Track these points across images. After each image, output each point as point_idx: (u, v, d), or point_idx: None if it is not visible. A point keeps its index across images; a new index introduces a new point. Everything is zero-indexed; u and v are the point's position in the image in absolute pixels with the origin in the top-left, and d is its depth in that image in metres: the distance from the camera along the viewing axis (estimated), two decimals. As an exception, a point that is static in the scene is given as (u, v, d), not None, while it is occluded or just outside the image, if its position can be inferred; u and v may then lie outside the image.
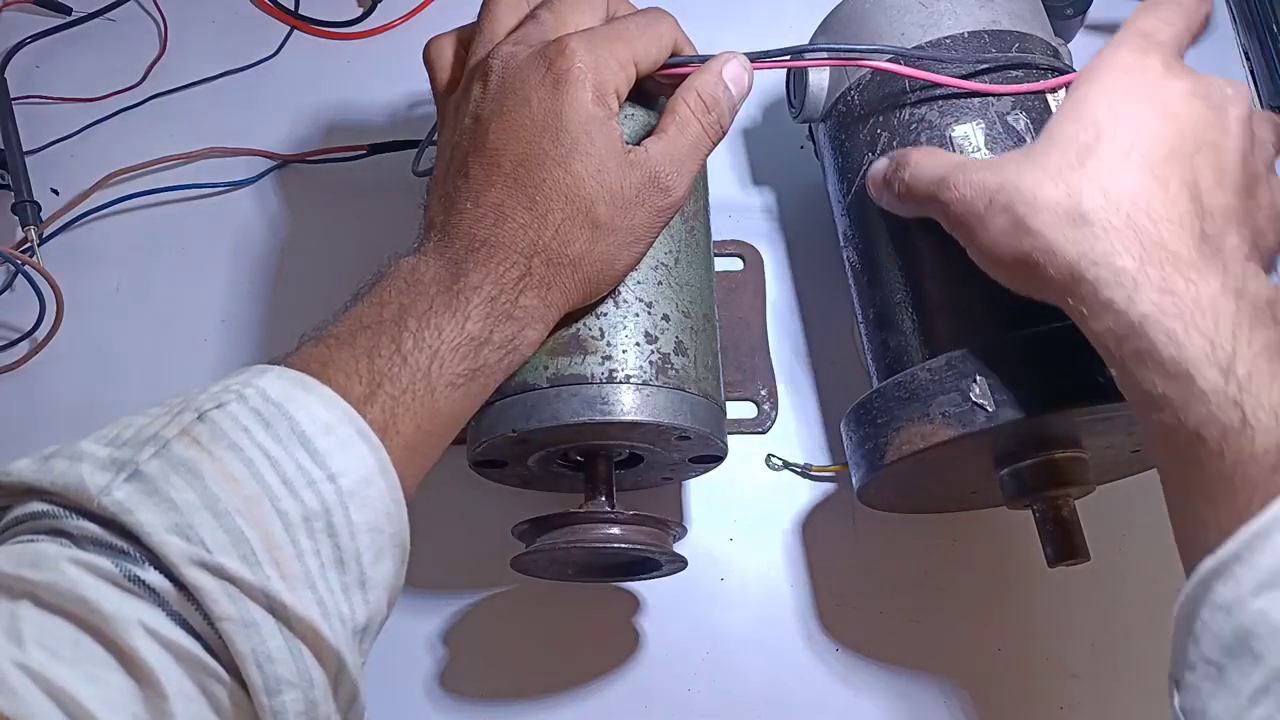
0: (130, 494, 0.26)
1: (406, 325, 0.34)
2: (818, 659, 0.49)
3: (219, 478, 0.27)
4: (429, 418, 0.33)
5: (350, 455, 0.30)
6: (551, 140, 0.36)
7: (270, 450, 0.28)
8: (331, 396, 0.30)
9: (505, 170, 0.36)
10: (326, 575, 0.28)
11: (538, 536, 0.42)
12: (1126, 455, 0.44)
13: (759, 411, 0.53)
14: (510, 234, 0.36)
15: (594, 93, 0.37)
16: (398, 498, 0.31)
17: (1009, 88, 0.42)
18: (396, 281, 0.35)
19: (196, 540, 0.26)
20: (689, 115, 0.39)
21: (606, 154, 0.37)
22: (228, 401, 0.29)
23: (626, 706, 0.49)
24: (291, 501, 0.28)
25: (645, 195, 0.38)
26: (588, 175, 0.36)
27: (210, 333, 0.56)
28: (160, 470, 0.27)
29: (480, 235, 0.36)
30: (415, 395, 0.33)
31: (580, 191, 0.36)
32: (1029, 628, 0.50)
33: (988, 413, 0.36)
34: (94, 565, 0.26)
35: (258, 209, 0.59)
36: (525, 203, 0.36)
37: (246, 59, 0.62)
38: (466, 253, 0.36)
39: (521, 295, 0.36)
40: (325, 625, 0.28)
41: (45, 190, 0.58)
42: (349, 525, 0.29)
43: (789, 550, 0.51)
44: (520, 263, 0.36)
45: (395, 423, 0.32)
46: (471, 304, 0.35)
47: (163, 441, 0.28)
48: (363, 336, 0.33)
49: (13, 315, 0.55)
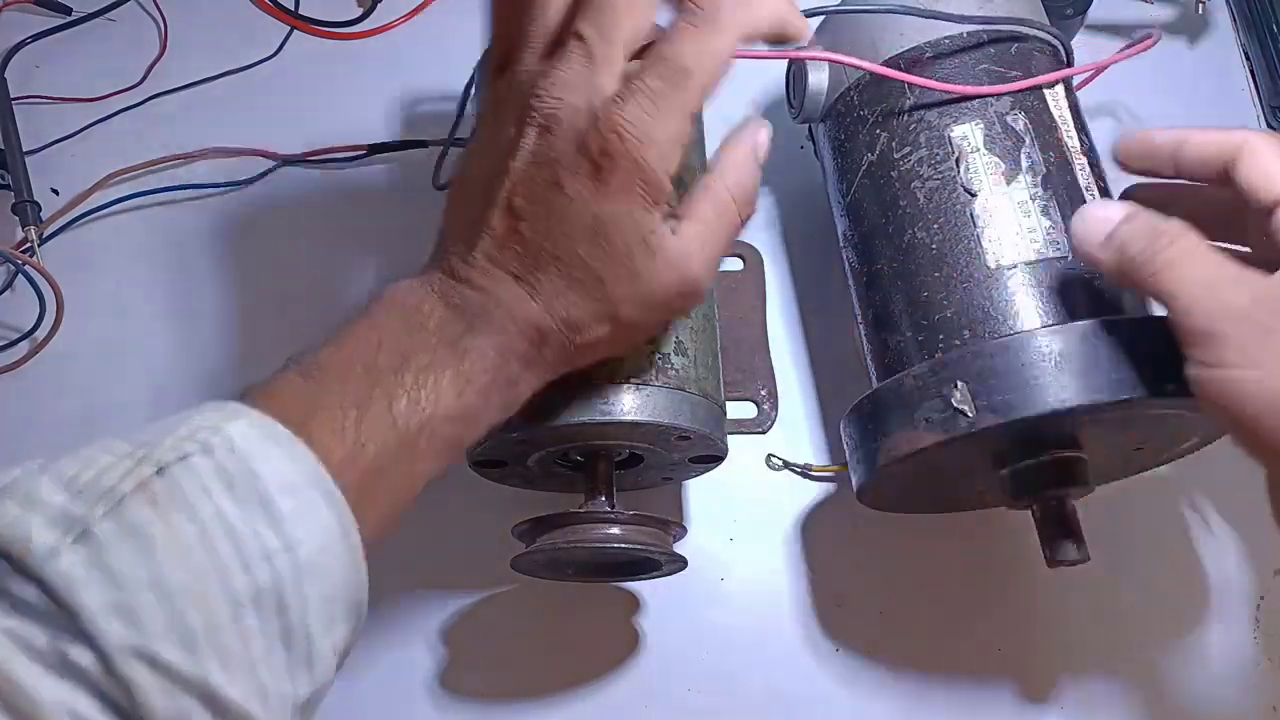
0: (75, 564, 0.25)
1: (403, 380, 0.31)
2: (818, 659, 0.49)
3: (170, 549, 0.26)
4: (406, 484, 0.32)
5: (313, 520, 0.28)
6: (588, 242, 0.33)
7: (228, 516, 0.27)
8: (302, 453, 0.29)
9: (530, 245, 0.33)
10: (271, 657, 0.27)
11: (538, 536, 0.42)
12: (1127, 455, 0.44)
13: (759, 411, 0.53)
14: (525, 311, 0.34)
15: (643, 198, 0.33)
16: (357, 561, 0.29)
17: (1007, 87, 0.42)
18: (396, 316, 0.33)
19: (136, 624, 0.25)
20: (728, 202, 0.36)
21: (643, 261, 0.34)
22: (191, 454, 0.27)
23: (626, 707, 0.49)
24: (243, 578, 0.26)
25: (673, 300, 0.35)
26: (620, 281, 0.34)
27: (209, 332, 0.56)
28: (110, 535, 0.26)
29: (495, 296, 0.33)
30: (397, 463, 0.31)
31: (610, 295, 0.34)
32: (1028, 628, 0.50)
33: (969, 418, 0.37)
34: (28, 641, 0.24)
35: (257, 209, 0.59)
36: (550, 287, 0.34)
37: (246, 59, 0.62)
38: (479, 310, 0.33)
39: (526, 370, 0.34)
40: (264, 715, 0.26)
41: (45, 190, 0.58)
42: (301, 601, 0.27)
43: (789, 550, 0.51)
44: (532, 339, 0.34)
45: (370, 491, 0.30)
46: (475, 369, 0.33)
47: (118, 498, 0.26)
48: (354, 381, 0.31)
49: (13, 315, 0.55)
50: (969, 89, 0.42)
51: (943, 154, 0.42)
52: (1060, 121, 0.42)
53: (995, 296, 0.39)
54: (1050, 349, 0.36)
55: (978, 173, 0.41)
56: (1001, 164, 0.41)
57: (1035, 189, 0.40)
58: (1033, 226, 0.40)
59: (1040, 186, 0.41)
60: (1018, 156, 0.41)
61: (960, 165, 0.41)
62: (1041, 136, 0.42)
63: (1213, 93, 0.63)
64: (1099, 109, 0.60)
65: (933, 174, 0.42)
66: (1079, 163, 0.42)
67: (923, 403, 0.38)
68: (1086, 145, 0.43)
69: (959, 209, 0.41)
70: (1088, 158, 0.42)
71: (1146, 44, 0.45)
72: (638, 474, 0.47)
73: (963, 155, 0.41)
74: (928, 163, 0.42)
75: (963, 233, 0.41)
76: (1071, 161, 0.42)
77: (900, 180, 0.43)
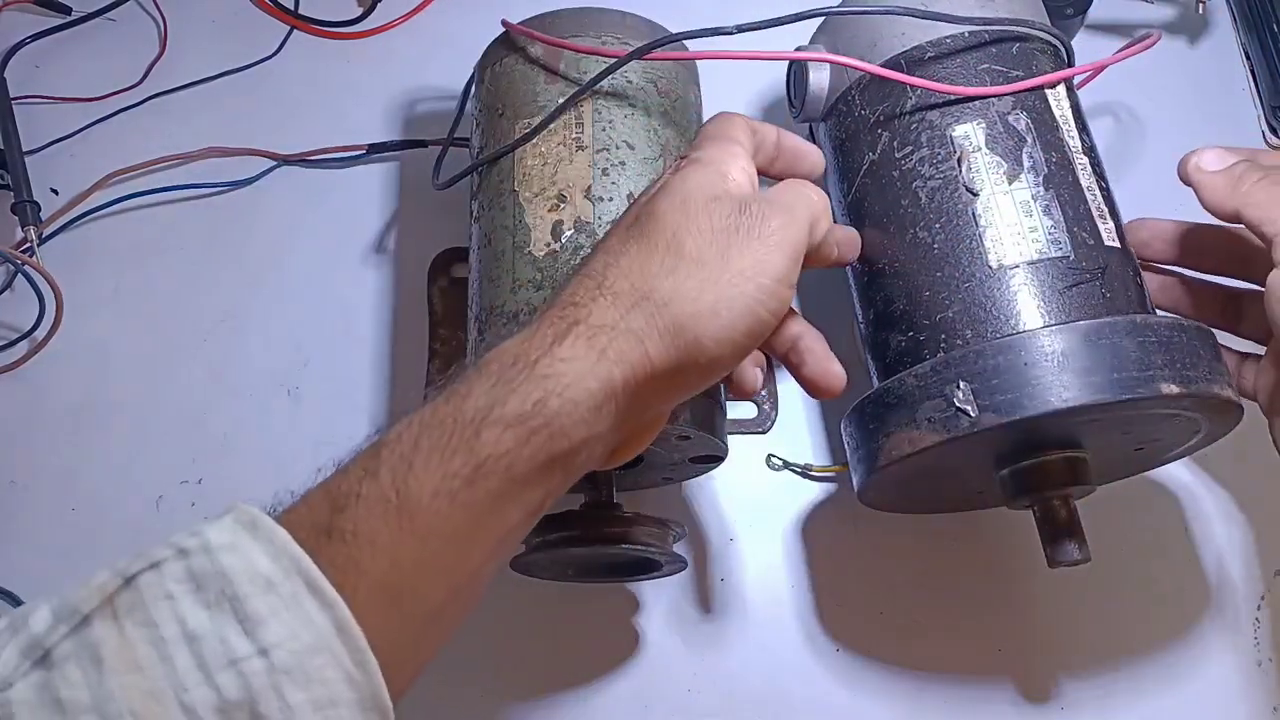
0: (25, 692, 0.24)
1: (392, 436, 0.28)
2: (818, 659, 0.49)
3: (121, 667, 0.24)
4: (411, 544, 0.27)
5: (294, 618, 0.25)
6: (640, 202, 0.35)
7: (191, 623, 0.24)
8: (282, 540, 0.26)
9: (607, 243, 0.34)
10: None
11: (537, 537, 0.42)
12: (1127, 455, 0.44)
13: (759, 411, 0.53)
14: (576, 281, 0.33)
15: (714, 170, 0.34)
16: (363, 659, 0.25)
17: (1008, 88, 0.42)
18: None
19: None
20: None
21: (695, 189, 0.33)
22: (164, 560, 0.25)
23: (626, 707, 0.49)
24: (204, 691, 0.24)
25: (740, 222, 0.33)
26: (670, 210, 0.33)
27: (209, 333, 0.56)
28: (64, 657, 0.24)
29: (566, 293, 0.33)
30: (386, 515, 0.27)
31: (664, 226, 0.33)
32: (1029, 628, 0.50)
33: (970, 418, 0.36)
34: None
35: (257, 209, 0.59)
36: (595, 259, 0.33)
37: (246, 59, 0.62)
38: (539, 319, 0.32)
39: (563, 343, 0.30)
40: None
41: (45, 190, 0.58)
42: (283, 709, 0.24)
43: (789, 550, 0.51)
44: (574, 306, 0.31)
45: (358, 561, 0.26)
46: (483, 364, 0.30)
47: (80, 617, 0.25)
48: (363, 457, 0.28)
49: (12, 315, 0.55)
50: (970, 90, 0.41)
51: (944, 153, 0.42)
52: (1062, 121, 0.42)
53: (997, 296, 0.39)
54: (1052, 349, 0.36)
55: (979, 172, 0.41)
56: (1003, 163, 0.41)
57: (1037, 188, 0.40)
58: (1035, 226, 0.40)
59: (1042, 186, 0.41)
60: (1019, 156, 0.41)
61: (962, 165, 0.41)
62: (1043, 136, 0.42)
63: (1213, 92, 0.63)
64: (1100, 109, 0.60)
65: (934, 173, 0.42)
66: (1080, 162, 0.42)
67: (924, 402, 0.38)
68: (1088, 144, 0.43)
69: (961, 208, 0.41)
70: (1089, 157, 0.42)
71: (1147, 44, 0.45)
72: (638, 474, 0.47)
73: (964, 155, 0.41)
74: (929, 162, 0.42)
75: (965, 232, 0.41)
76: (1073, 161, 0.42)
77: (902, 180, 0.43)
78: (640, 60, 0.44)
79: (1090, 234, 0.40)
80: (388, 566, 0.27)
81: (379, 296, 0.56)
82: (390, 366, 0.55)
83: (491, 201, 0.45)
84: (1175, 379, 0.35)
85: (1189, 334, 0.37)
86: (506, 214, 0.43)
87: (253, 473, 0.52)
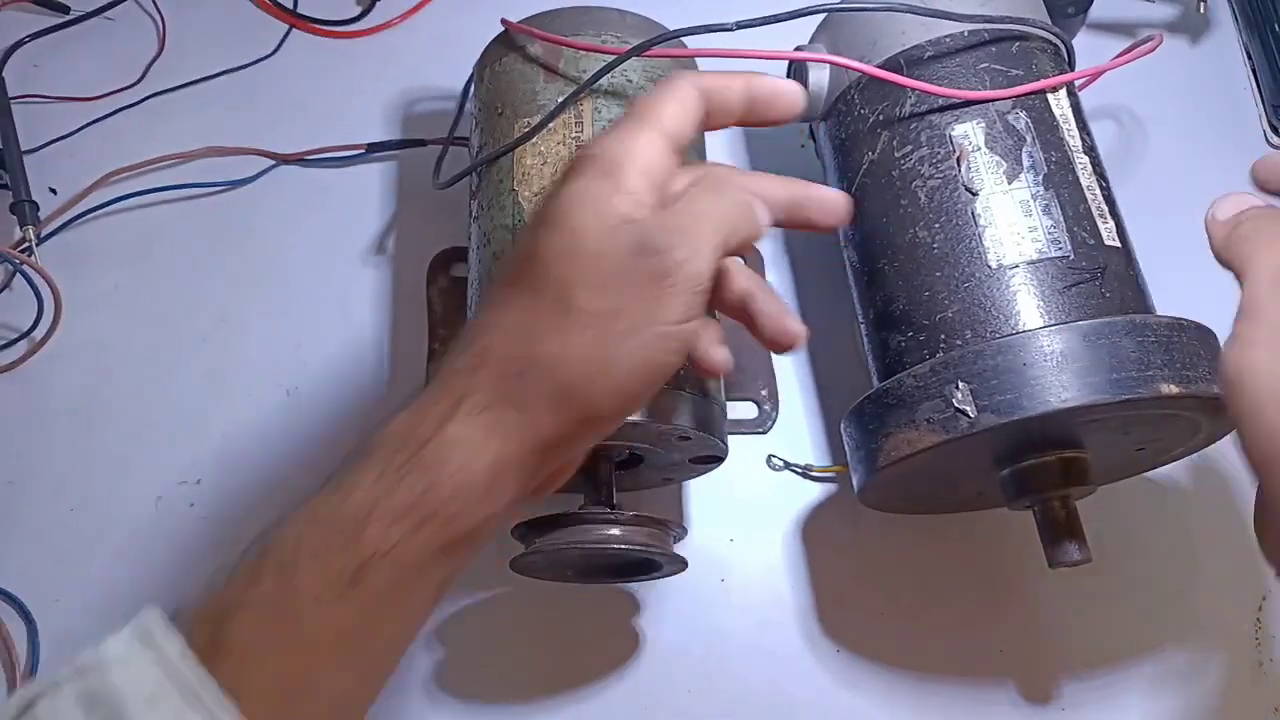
0: None
1: (276, 539, 0.28)
2: (818, 660, 0.49)
3: None
4: (298, 647, 0.27)
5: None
6: (529, 232, 0.30)
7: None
8: (174, 653, 0.25)
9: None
10: None
11: (537, 537, 0.42)
12: (1127, 455, 0.44)
13: (759, 411, 0.53)
14: (465, 343, 0.30)
15: (600, 168, 0.30)
16: None
17: (1008, 91, 0.42)
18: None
19: None
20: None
21: (587, 222, 0.29)
22: (62, 683, 0.25)
23: (627, 708, 0.48)
24: None
25: (635, 264, 0.29)
26: (557, 257, 0.29)
27: (208, 332, 0.55)
28: None
29: (453, 356, 0.30)
30: (271, 621, 0.27)
31: (550, 277, 0.29)
32: (1030, 629, 0.50)
33: (970, 418, 0.36)
34: None
35: (256, 208, 0.59)
36: (481, 316, 0.30)
37: (245, 58, 0.62)
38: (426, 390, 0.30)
39: (449, 425, 0.28)
40: None
41: (43, 189, 0.58)
42: None
43: (790, 551, 0.51)
44: (462, 374, 0.29)
45: (245, 668, 0.26)
46: (373, 449, 0.28)
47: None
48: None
49: (11, 315, 0.55)
50: (968, 94, 0.41)
51: (944, 153, 0.42)
52: (1062, 121, 0.42)
53: (997, 296, 0.39)
54: (1052, 349, 0.36)
55: (979, 172, 0.41)
56: (1003, 163, 0.41)
57: (1037, 188, 0.40)
58: (1034, 225, 0.40)
59: (1042, 185, 0.40)
60: (1019, 155, 0.41)
61: (961, 164, 0.41)
62: (1043, 135, 0.41)
63: (1214, 92, 0.63)
64: (1100, 109, 0.60)
65: (934, 173, 0.42)
66: (1080, 161, 0.42)
67: (924, 403, 0.38)
68: (1088, 144, 0.43)
69: (960, 208, 0.41)
70: (1089, 156, 0.42)
71: (1149, 47, 0.45)
72: (638, 474, 0.46)
73: (964, 154, 0.41)
74: (929, 162, 0.42)
75: (964, 232, 0.41)
76: (1073, 160, 0.42)
77: (901, 179, 0.43)
78: (640, 58, 0.44)
79: (1090, 234, 0.40)
80: (275, 672, 0.26)
81: (378, 296, 0.56)
82: (389, 366, 0.55)
83: (491, 201, 0.45)
84: (1175, 379, 0.35)
85: (1189, 334, 0.37)
86: (506, 213, 0.43)
87: (251, 473, 0.52)
